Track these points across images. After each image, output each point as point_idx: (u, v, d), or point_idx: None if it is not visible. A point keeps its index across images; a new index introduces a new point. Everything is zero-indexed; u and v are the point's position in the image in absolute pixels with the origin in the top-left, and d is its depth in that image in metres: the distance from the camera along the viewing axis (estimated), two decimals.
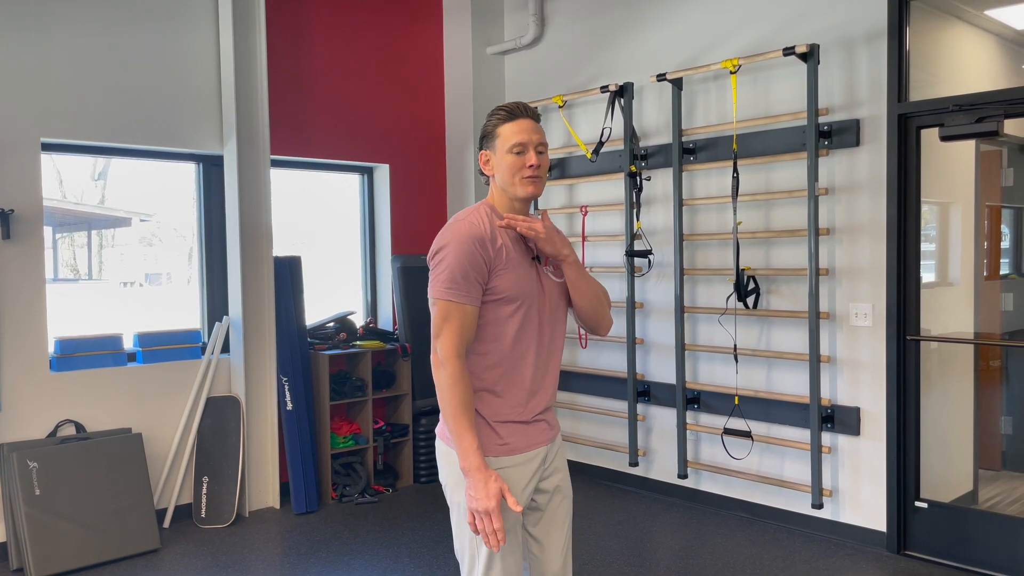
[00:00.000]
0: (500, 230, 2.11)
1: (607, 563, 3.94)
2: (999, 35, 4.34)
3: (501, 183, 2.14)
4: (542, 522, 2.23)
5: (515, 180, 2.11)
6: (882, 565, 3.87)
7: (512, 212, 2.15)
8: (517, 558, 2.13)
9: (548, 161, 2.17)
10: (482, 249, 2.04)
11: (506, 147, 2.11)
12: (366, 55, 5.44)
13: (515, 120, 2.12)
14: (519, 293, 2.08)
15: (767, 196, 4.35)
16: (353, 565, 3.97)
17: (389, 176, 5.59)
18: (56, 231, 5.06)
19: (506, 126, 2.12)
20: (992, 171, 4.88)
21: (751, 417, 4.47)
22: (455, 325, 2.02)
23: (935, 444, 4.21)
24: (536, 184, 2.11)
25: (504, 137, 2.11)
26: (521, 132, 2.10)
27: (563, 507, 2.26)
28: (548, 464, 2.21)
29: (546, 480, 2.21)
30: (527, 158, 2.10)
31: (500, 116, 2.14)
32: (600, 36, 5.21)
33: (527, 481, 2.14)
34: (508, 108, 2.14)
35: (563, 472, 2.27)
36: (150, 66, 4.50)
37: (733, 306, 4.48)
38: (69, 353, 4.28)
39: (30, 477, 3.90)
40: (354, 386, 5.07)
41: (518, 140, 2.09)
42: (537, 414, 2.17)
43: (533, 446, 2.15)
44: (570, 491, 2.29)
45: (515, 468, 2.12)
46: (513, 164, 2.10)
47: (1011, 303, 4.88)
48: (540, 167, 2.12)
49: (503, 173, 2.12)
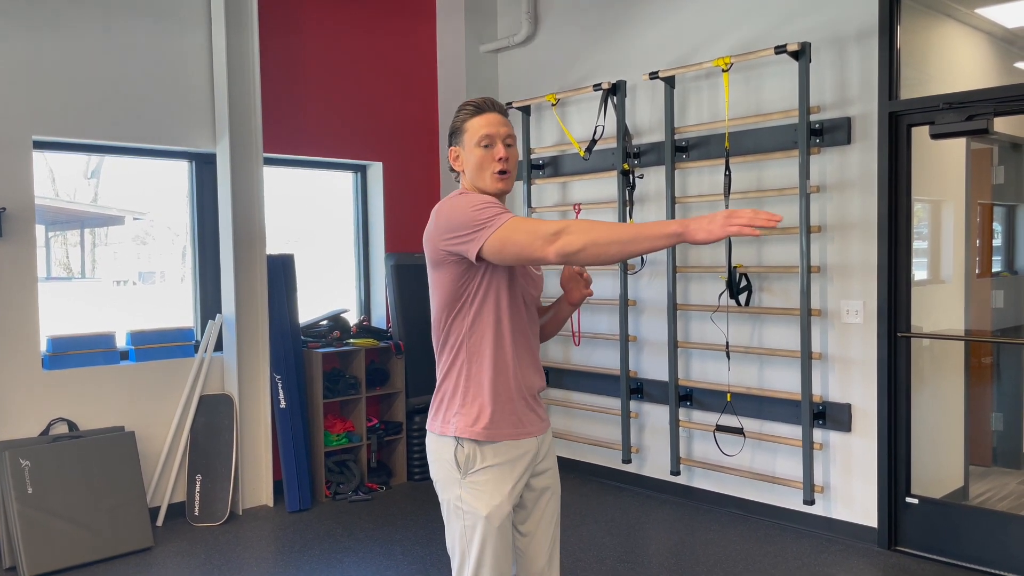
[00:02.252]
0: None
1: (600, 560, 3.96)
2: (990, 33, 4.36)
3: (471, 178, 2.15)
4: (530, 519, 2.24)
5: (485, 175, 2.12)
6: (873, 561, 3.89)
7: None
8: (507, 553, 2.14)
9: (517, 155, 2.17)
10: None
11: (474, 141, 2.12)
12: (359, 53, 5.44)
13: (482, 114, 2.13)
14: (502, 285, 2.11)
15: (759, 194, 4.37)
16: (347, 563, 3.97)
17: (382, 174, 5.59)
18: (49, 229, 5.05)
19: (473, 120, 2.13)
20: (983, 169, 4.90)
21: (743, 414, 4.49)
22: (534, 220, 1.95)
23: (926, 440, 4.23)
24: (506, 180, 2.12)
25: (472, 131, 2.12)
26: (488, 125, 2.11)
27: (551, 505, 2.27)
28: (539, 460, 2.22)
29: (537, 478, 2.22)
30: (495, 151, 2.11)
31: (468, 111, 2.14)
32: (593, 34, 5.22)
33: (518, 478, 2.15)
34: (475, 103, 2.15)
35: (553, 470, 2.28)
36: (143, 64, 4.50)
37: (725, 303, 4.50)
38: (61, 351, 4.28)
39: (22, 475, 3.90)
40: (347, 384, 5.08)
41: (485, 132, 2.10)
42: (530, 398, 2.19)
43: (525, 435, 2.17)
44: (559, 489, 2.31)
45: (504, 465, 2.12)
46: (482, 158, 2.11)
47: (1002, 300, 4.90)
48: (508, 160, 2.12)
49: (472, 168, 2.13)
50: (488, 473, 2.11)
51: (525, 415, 2.17)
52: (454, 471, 2.12)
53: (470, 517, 2.10)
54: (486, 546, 2.09)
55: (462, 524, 2.12)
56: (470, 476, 2.11)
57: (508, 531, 2.14)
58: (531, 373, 2.20)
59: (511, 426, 2.14)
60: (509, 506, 2.11)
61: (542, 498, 2.24)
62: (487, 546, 2.09)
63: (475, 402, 2.12)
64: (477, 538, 2.10)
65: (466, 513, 2.11)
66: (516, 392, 2.15)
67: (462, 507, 2.11)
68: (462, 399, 2.13)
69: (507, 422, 2.13)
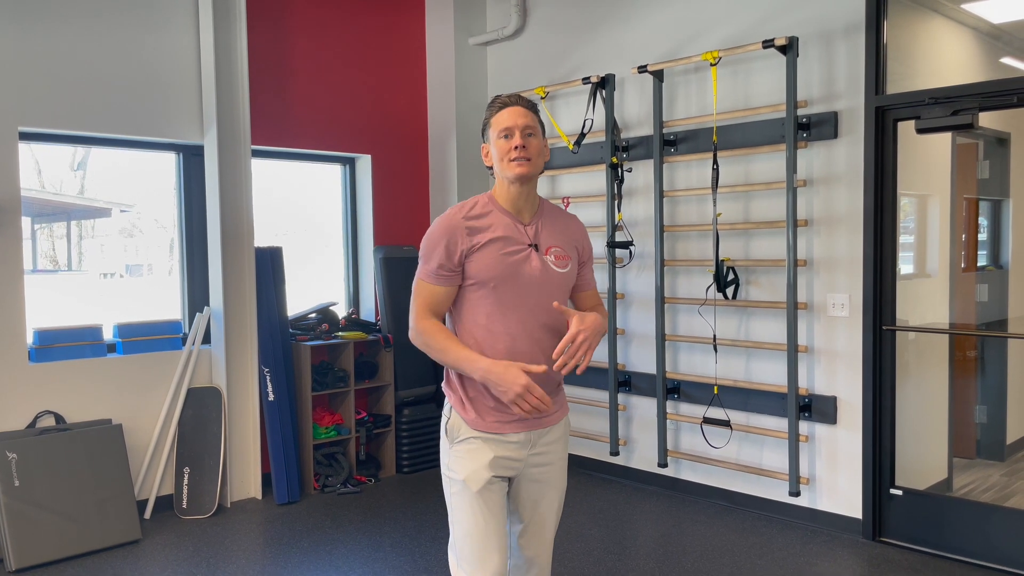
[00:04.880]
0: (485, 215, 2.21)
1: (587, 551, 3.98)
2: (975, 28, 4.39)
3: (497, 170, 2.24)
4: (524, 510, 2.34)
5: (504, 163, 2.20)
6: (858, 551, 3.93)
7: (509, 199, 2.23)
8: (490, 521, 2.20)
9: (539, 145, 2.24)
10: (453, 237, 2.16)
11: (495, 134, 2.22)
12: (348, 45, 5.43)
13: (505, 109, 2.23)
14: (490, 277, 2.17)
15: (746, 188, 4.39)
16: (335, 555, 3.98)
17: (371, 167, 5.58)
18: (35, 222, 5.02)
19: (497, 115, 2.23)
20: (968, 164, 4.94)
21: (730, 406, 4.52)
22: (422, 300, 2.20)
23: (910, 433, 4.27)
24: (524, 165, 2.18)
25: (495, 126, 2.23)
26: (508, 118, 2.21)
27: (546, 501, 2.35)
28: (536, 450, 2.28)
29: (537, 469, 2.30)
30: (513, 140, 2.19)
31: (494, 108, 2.25)
32: (582, 28, 5.22)
33: (503, 453, 2.22)
34: (501, 100, 2.25)
35: (555, 467, 2.34)
36: (129, 54, 4.47)
37: (713, 297, 4.52)
38: (48, 344, 4.26)
39: (9, 468, 3.89)
40: (336, 377, 5.07)
41: (505, 125, 2.20)
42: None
43: (511, 430, 2.23)
44: (561, 486, 2.38)
45: (488, 440, 2.22)
46: (502, 148, 2.20)
47: (986, 294, 4.95)
48: (527, 148, 2.19)
49: (496, 160, 2.23)
50: (471, 444, 2.22)
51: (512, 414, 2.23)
52: (446, 440, 2.27)
53: (455, 484, 2.23)
54: (467, 509, 2.19)
55: (449, 491, 2.25)
56: (455, 445, 2.24)
57: (492, 499, 2.21)
58: (539, 379, 2.20)
59: (495, 420, 2.22)
60: (489, 473, 2.19)
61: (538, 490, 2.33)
62: (468, 509, 2.19)
63: (463, 387, 2.24)
64: (457, 503, 2.22)
65: (452, 481, 2.24)
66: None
67: (449, 474, 2.25)
68: (459, 378, 2.26)
69: (492, 416, 2.21)
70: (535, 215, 2.28)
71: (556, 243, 2.28)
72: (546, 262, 2.24)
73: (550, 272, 2.25)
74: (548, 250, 2.25)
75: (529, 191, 2.24)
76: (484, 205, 2.23)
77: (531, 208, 2.27)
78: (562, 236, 2.31)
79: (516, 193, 2.23)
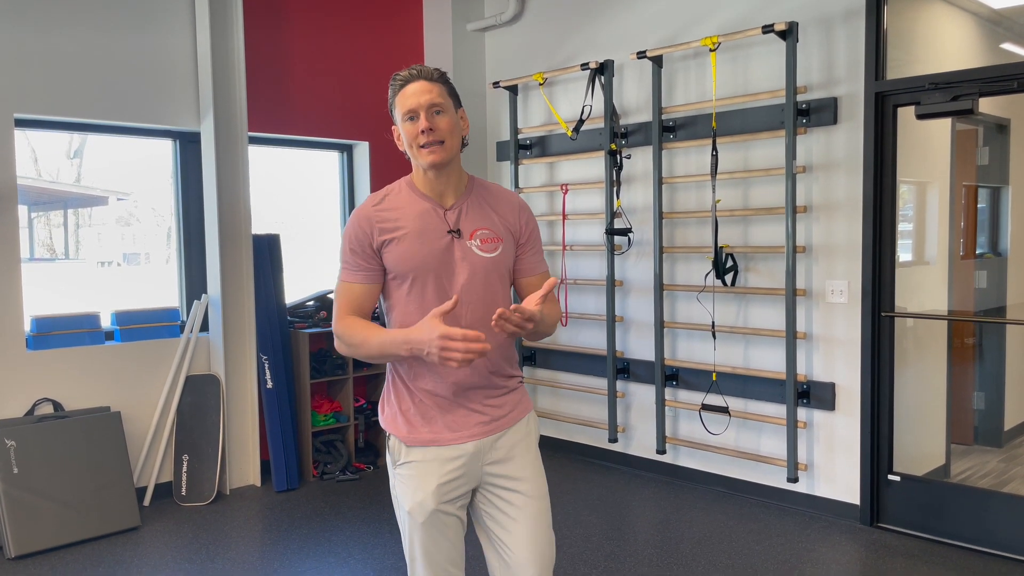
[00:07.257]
0: (398, 203, 2.00)
1: (586, 537, 3.99)
2: (975, 14, 4.37)
3: (410, 156, 2.01)
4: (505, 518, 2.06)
5: (414, 150, 1.97)
6: (855, 537, 3.95)
7: (426, 184, 2.01)
8: (441, 547, 2.03)
9: (451, 121, 1.97)
10: (363, 231, 1.98)
11: (401, 116, 1.97)
12: (346, 31, 5.40)
13: (407, 85, 1.96)
14: (408, 269, 1.97)
15: (745, 174, 4.38)
16: (334, 541, 3.99)
17: (369, 153, 5.56)
18: (32, 210, 5.00)
19: (399, 94, 1.96)
20: (968, 150, 4.92)
21: (728, 393, 4.52)
22: (343, 301, 2.02)
23: (908, 419, 4.27)
24: (436, 151, 1.94)
25: (399, 107, 1.96)
26: (410, 97, 1.94)
27: (527, 511, 2.05)
28: (489, 459, 2.04)
29: (505, 480, 2.04)
30: (419, 123, 1.93)
31: (395, 87, 1.98)
32: (580, 13, 5.19)
33: (448, 475, 2.00)
34: (401, 76, 1.98)
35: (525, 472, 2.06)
36: (126, 41, 4.44)
37: (711, 284, 4.52)
38: (45, 332, 4.25)
39: (8, 456, 3.89)
40: (334, 364, 5.07)
41: (408, 107, 1.94)
42: (472, 399, 2.03)
43: (451, 441, 2.01)
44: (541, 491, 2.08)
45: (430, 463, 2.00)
46: (410, 132, 1.96)
47: (985, 281, 4.94)
48: (436, 130, 1.93)
49: (407, 146, 1.99)
50: (412, 468, 2.01)
51: (459, 419, 2.01)
52: (390, 459, 2.08)
53: (401, 510, 2.05)
54: (415, 540, 2.02)
55: (397, 514, 2.09)
56: (397, 468, 2.05)
57: (440, 526, 2.02)
58: (476, 373, 2.01)
59: (431, 432, 2.01)
60: (434, 503, 1.98)
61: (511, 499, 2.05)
62: (415, 540, 2.02)
63: (398, 400, 2.06)
64: (406, 531, 2.05)
65: (400, 506, 2.06)
66: (448, 392, 2.00)
67: (396, 497, 2.07)
68: (387, 393, 2.11)
69: (427, 428, 2.01)
70: (460, 197, 2.03)
71: (483, 225, 2.02)
72: (469, 248, 1.99)
73: (475, 258, 1.99)
74: (473, 234, 2.00)
75: (449, 174, 2.00)
76: (399, 192, 2.02)
77: (456, 190, 2.03)
78: (492, 217, 2.04)
79: (434, 177, 1.99)
